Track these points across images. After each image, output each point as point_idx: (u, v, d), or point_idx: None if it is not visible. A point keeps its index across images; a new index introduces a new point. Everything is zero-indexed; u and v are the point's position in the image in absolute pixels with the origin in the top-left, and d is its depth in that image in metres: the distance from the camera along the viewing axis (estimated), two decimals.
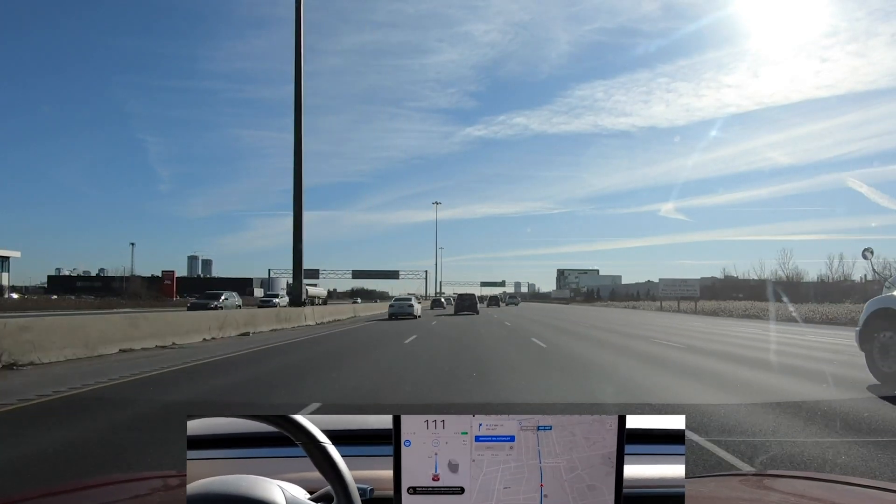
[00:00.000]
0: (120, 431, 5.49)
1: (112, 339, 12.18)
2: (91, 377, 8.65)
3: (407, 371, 10.29)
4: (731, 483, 1.48)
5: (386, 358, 12.61)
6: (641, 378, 9.38)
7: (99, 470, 4.05)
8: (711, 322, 33.25)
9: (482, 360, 11.74)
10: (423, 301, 48.67)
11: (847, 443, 4.91)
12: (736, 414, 6.11)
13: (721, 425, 5.51)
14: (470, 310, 40.76)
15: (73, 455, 4.57)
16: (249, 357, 12.34)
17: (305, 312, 26.43)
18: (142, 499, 1.33)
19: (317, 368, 10.63)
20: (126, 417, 6.13)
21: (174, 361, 10.91)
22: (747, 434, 5.22)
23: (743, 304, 49.09)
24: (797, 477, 1.50)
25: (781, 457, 4.59)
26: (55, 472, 4.09)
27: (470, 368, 10.18)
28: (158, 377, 9.07)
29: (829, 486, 1.36)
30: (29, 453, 4.65)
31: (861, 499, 1.23)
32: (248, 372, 10.09)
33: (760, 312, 39.12)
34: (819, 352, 14.03)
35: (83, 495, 1.32)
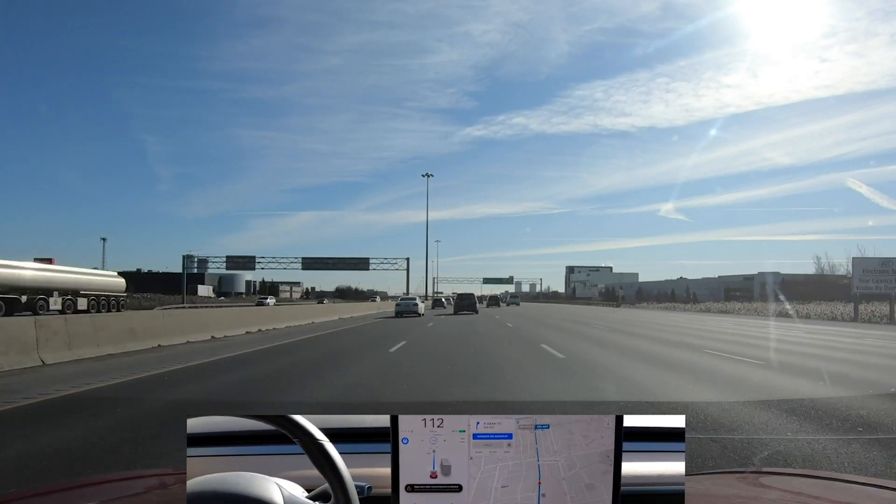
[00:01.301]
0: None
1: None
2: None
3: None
4: (730, 480, 1.48)
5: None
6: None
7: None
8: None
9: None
10: (426, 301, 54.26)
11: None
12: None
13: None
14: (469, 309, 41.84)
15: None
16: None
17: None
18: (141, 496, 1.33)
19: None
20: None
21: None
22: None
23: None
24: (795, 474, 1.50)
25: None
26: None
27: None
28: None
29: (826, 484, 1.36)
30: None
31: (858, 496, 1.23)
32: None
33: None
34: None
35: (83, 493, 1.32)
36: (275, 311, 26.92)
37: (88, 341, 11.38)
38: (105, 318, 14.01)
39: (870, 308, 39.34)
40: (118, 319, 13.83)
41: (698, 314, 49.58)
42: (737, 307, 56.75)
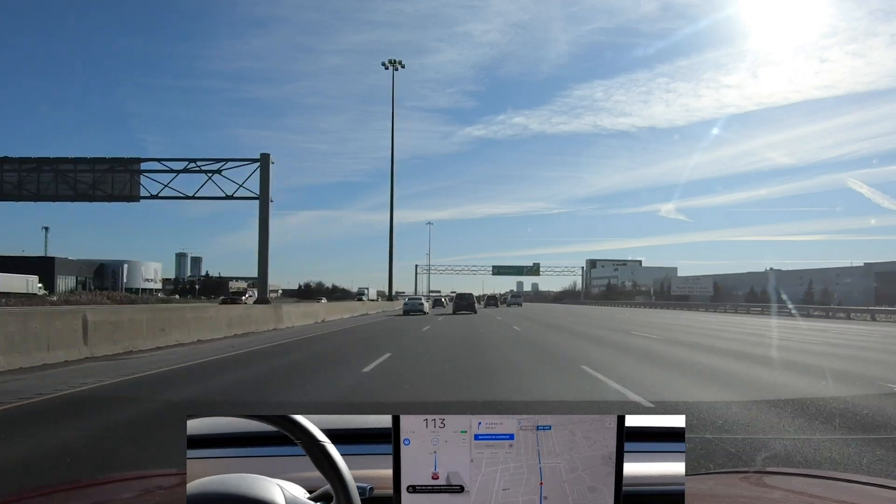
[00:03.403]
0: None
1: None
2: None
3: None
4: (732, 480, 1.48)
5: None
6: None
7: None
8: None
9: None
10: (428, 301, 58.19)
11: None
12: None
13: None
14: (468, 309, 42.32)
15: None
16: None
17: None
18: (142, 497, 1.32)
19: None
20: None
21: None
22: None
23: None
24: (797, 474, 1.50)
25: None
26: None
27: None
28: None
29: (828, 483, 1.36)
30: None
31: (861, 495, 1.23)
32: None
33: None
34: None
35: (83, 494, 1.32)
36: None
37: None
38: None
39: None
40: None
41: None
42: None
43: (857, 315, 38.32)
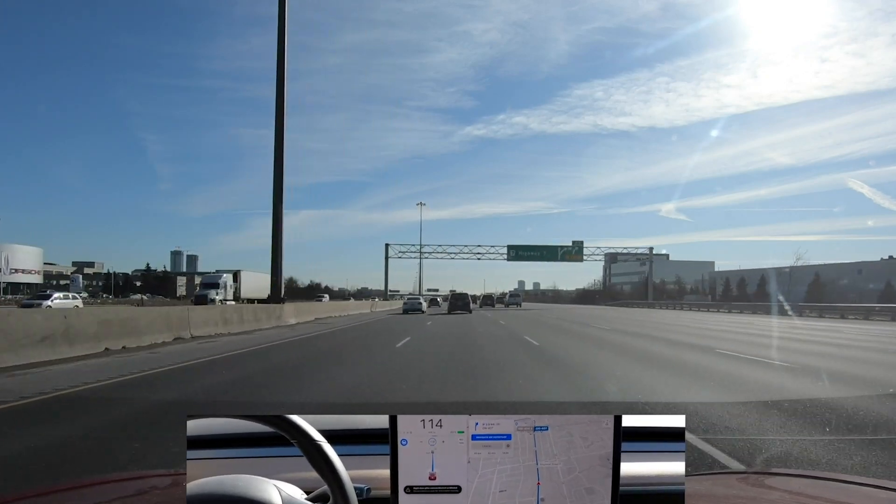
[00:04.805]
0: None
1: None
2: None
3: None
4: (730, 481, 1.48)
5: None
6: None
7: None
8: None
9: None
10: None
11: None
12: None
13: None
14: (463, 309, 42.44)
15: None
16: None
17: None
18: (139, 498, 1.32)
19: None
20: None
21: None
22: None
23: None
24: (795, 475, 1.50)
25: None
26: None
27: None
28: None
29: (825, 485, 1.36)
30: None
31: (858, 496, 1.22)
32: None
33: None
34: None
35: (83, 494, 1.32)
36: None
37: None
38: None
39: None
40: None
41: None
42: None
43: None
